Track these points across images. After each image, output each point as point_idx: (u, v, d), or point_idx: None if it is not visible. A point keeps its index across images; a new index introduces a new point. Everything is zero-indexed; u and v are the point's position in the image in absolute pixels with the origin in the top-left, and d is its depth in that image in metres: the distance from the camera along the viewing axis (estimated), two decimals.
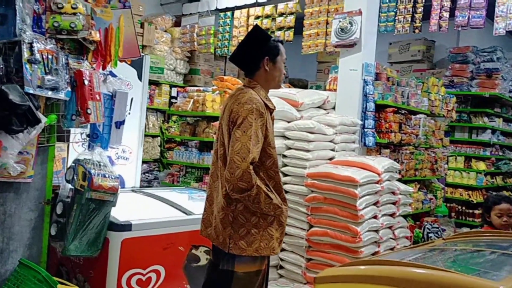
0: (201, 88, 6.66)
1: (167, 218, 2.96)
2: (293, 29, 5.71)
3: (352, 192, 3.52)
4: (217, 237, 2.27)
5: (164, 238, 2.85)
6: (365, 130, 4.38)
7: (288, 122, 4.09)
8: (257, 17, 6.05)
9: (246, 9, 6.22)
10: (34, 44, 2.31)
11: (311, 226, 3.81)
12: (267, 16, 5.91)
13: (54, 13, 2.41)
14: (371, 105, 4.38)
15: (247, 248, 2.20)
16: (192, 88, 6.84)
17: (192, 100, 6.24)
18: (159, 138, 7.26)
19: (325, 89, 5.14)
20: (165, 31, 7.36)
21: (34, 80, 2.31)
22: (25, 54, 2.28)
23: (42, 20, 2.40)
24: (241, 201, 2.17)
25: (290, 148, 4.01)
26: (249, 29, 6.16)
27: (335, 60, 5.75)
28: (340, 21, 4.47)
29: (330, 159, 4.05)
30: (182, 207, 3.18)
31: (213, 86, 6.59)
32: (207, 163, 6.02)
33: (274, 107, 2.40)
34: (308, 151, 3.87)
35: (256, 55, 2.31)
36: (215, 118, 5.93)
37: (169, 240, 2.88)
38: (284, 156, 4.03)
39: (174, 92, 7.43)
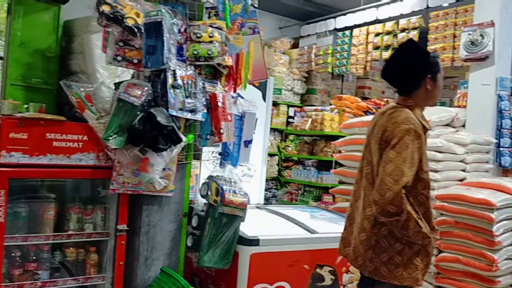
0: (319, 107, 6.72)
1: (292, 236, 3.01)
2: None
3: (488, 216, 3.26)
4: (355, 258, 2.22)
5: (289, 255, 2.90)
6: (501, 149, 4.05)
7: None
8: (377, 34, 5.96)
9: (366, 27, 6.17)
10: (177, 71, 2.54)
11: (440, 251, 3.60)
12: (388, 33, 5.80)
13: (194, 42, 2.64)
14: (507, 122, 4.05)
15: (388, 275, 2.11)
16: (310, 107, 6.93)
17: (310, 119, 6.32)
18: (276, 157, 7.44)
19: (452, 106, 4.87)
20: (283, 53, 7.58)
21: (177, 103, 2.54)
22: (170, 80, 2.51)
23: (183, 49, 2.64)
24: (387, 225, 2.08)
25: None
26: (369, 47, 6.11)
27: (462, 75, 5.43)
28: (470, 34, 4.22)
29: (461, 180, 3.81)
30: (305, 225, 3.21)
31: (331, 105, 6.61)
32: (325, 182, 6.02)
33: (430, 127, 2.26)
34: (436, 171, 3.68)
35: (416, 73, 2.19)
36: (333, 137, 5.91)
37: (295, 257, 2.92)
38: None
39: (291, 111, 7.58)
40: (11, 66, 4.13)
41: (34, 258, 2.52)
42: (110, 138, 2.40)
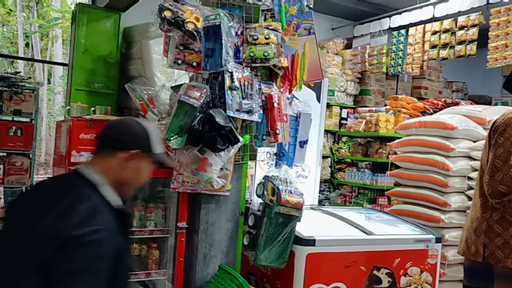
0: (373, 108, 6.62)
1: (348, 237, 2.99)
2: (475, 42, 5.32)
3: None
4: (467, 248, 2.29)
5: (345, 256, 2.88)
6: None
7: (474, 141, 3.81)
8: (434, 33, 5.80)
9: (422, 26, 6.01)
10: (234, 73, 2.60)
11: None
12: (446, 31, 5.63)
13: (250, 45, 2.69)
14: None
15: (504, 259, 2.16)
16: (363, 108, 6.84)
17: (364, 121, 6.23)
18: (329, 159, 7.39)
19: None
20: (336, 54, 7.53)
21: (234, 104, 2.60)
22: (227, 82, 2.58)
23: (240, 51, 2.70)
24: (498, 210, 2.18)
25: (476, 170, 3.71)
26: (425, 46, 5.95)
27: None
28: None
29: None
30: (361, 227, 3.18)
31: (386, 105, 6.49)
32: (380, 184, 5.92)
33: None
34: None
35: None
36: (389, 139, 5.81)
37: (351, 258, 2.90)
38: (470, 178, 3.75)
39: (344, 113, 7.52)
40: (75, 72, 4.39)
41: None
42: (171, 138, 2.49)
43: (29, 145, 5.65)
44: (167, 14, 2.42)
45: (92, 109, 2.81)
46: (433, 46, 5.79)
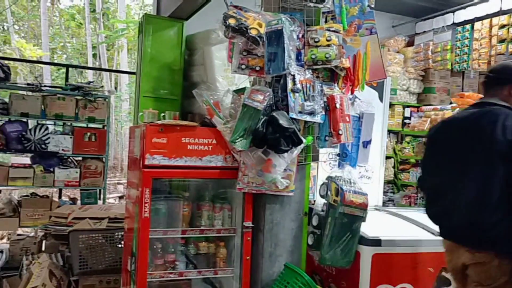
0: (438, 107, 6.42)
1: (415, 237, 2.95)
2: None
3: None
4: None
5: (412, 256, 2.85)
6: None
7: None
8: (502, 26, 5.54)
9: (489, 20, 5.76)
10: (296, 76, 2.66)
11: None
12: None
13: (312, 47, 2.73)
14: None
15: None
16: (428, 107, 6.65)
17: (429, 119, 6.06)
18: (392, 159, 7.23)
19: None
20: (397, 52, 7.36)
21: (296, 106, 2.65)
22: (289, 85, 2.64)
23: (301, 54, 2.75)
24: None
25: None
26: (492, 40, 5.69)
27: None
28: None
29: None
30: (428, 228, 3.12)
31: (451, 103, 6.27)
32: None
33: None
34: None
35: None
36: None
37: (418, 259, 2.86)
38: None
39: (407, 112, 7.32)
40: (143, 80, 4.62)
41: (173, 250, 2.80)
42: (237, 141, 2.59)
43: (102, 149, 6.02)
44: (232, 21, 2.52)
45: (162, 114, 2.96)
46: (501, 41, 5.52)
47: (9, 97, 5.87)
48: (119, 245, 3.86)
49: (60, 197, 6.77)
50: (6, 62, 6.06)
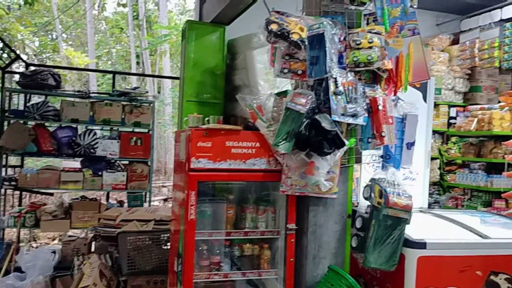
0: (486, 106, 6.23)
1: (462, 240, 2.89)
2: None
3: None
4: None
5: (459, 260, 2.79)
6: None
7: None
8: None
9: None
10: (338, 78, 2.66)
11: None
12: None
13: (353, 50, 2.73)
14: None
15: None
16: (474, 106, 6.46)
17: (476, 119, 5.90)
18: (438, 160, 7.06)
19: None
20: (442, 50, 7.20)
21: (339, 109, 2.66)
22: (331, 88, 2.64)
23: (343, 57, 2.75)
24: None
25: None
26: None
27: None
28: None
29: None
30: (476, 230, 3.05)
31: (500, 102, 6.07)
32: (496, 186, 5.56)
33: None
34: None
35: None
36: (504, 138, 5.44)
37: (465, 262, 2.80)
38: None
39: (453, 112, 7.15)
40: (186, 84, 4.74)
41: (218, 251, 2.86)
42: (280, 144, 2.62)
43: (147, 153, 6.21)
44: (274, 27, 2.56)
45: (206, 119, 3.04)
46: None
47: (60, 104, 6.15)
48: (165, 247, 3.97)
49: (107, 199, 7.03)
50: (57, 70, 6.36)
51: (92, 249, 5.20)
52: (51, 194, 7.65)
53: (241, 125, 3.03)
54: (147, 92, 6.89)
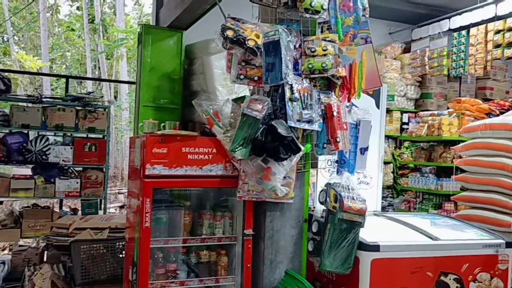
0: (435, 112, 6.48)
1: (413, 242, 2.98)
2: None
3: None
4: None
5: (411, 261, 2.87)
6: None
7: None
8: (498, 32, 5.61)
9: (484, 25, 5.84)
10: (294, 85, 2.70)
11: None
12: (510, 29, 5.43)
13: (308, 57, 2.78)
14: None
15: None
16: (425, 112, 6.71)
17: (426, 125, 6.12)
18: (391, 164, 7.28)
19: None
20: (395, 58, 7.44)
21: (294, 115, 2.69)
22: (287, 94, 2.68)
23: (298, 63, 2.80)
24: None
25: None
26: (488, 46, 5.76)
27: None
28: None
29: None
30: (426, 232, 3.15)
31: (449, 108, 6.33)
32: (446, 189, 5.77)
33: None
34: None
35: None
36: (452, 142, 5.66)
37: (417, 264, 2.88)
38: None
39: (405, 118, 7.39)
40: (143, 89, 4.66)
41: (174, 259, 2.83)
42: (236, 149, 2.63)
43: (102, 160, 6.06)
44: (229, 33, 2.57)
45: (162, 124, 3.01)
46: (497, 46, 5.60)
47: (10, 108, 5.92)
48: (121, 255, 3.89)
49: (61, 207, 6.80)
50: (7, 74, 6.12)
51: (44, 259, 5.01)
52: (0, 203, 7.33)
53: (199, 131, 3.02)
54: (102, 97, 6.75)
